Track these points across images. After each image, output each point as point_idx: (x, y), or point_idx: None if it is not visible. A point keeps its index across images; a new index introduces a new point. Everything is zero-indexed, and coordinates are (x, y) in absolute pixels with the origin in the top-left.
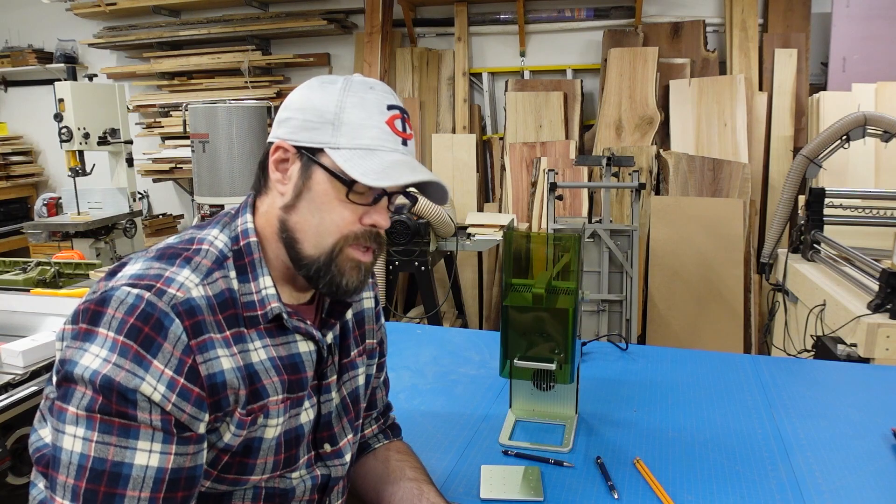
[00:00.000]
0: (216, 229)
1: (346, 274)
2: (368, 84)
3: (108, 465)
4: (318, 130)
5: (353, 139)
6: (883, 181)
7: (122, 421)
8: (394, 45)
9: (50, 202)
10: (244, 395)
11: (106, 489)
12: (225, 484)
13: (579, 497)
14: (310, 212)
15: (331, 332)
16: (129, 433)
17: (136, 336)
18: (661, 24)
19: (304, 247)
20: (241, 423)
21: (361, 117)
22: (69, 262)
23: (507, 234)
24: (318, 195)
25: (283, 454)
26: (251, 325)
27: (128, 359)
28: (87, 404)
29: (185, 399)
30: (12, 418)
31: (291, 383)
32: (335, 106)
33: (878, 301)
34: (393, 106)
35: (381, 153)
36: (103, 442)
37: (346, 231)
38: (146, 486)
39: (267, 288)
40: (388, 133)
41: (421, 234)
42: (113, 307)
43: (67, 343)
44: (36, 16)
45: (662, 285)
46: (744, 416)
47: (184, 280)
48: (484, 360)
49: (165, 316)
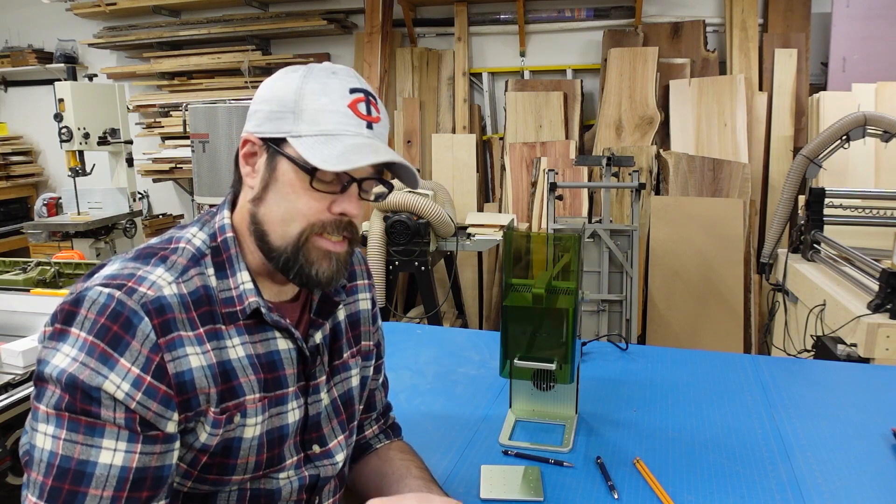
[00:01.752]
0: (195, 227)
1: (316, 263)
2: (331, 70)
3: (73, 464)
4: (281, 120)
5: (314, 125)
6: (883, 181)
7: (88, 419)
8: (394, 45)
9: (50, 202)
10: (216, 392)
11: (70, 487)
12: (207, 484)
13: (579, 497)
14: (276, 202)
15: (319, 332)
16: (94, 431)
17: (104, 335)
18: (661, 24)
19: (272, 238)
20: (216, 422)
21: (322, 103)
22: (69, 262)
23: (507, 234)
24: (283, 185)
25: (266, 454)
26: (230, 322)
27: (94, 357)
28: (55, 402)
29: (150, 397)
30: (12, 418)
31: (268, 382)
32: (296, 93)
33: (878, 301)
34: (357, 89)
35: (344, 138)
36: (70, 440)
37: (313, 220)
38: (109, 485)
39: (245, 283)
40: (351, 117)
41: (421, 234)
42: (85, 307)
43: (44, 343)
44: (36, 16)
45: (662, 285)
46: (744, 416)
47: (156, 279)
48: (484, 360)
49: (134, 314)
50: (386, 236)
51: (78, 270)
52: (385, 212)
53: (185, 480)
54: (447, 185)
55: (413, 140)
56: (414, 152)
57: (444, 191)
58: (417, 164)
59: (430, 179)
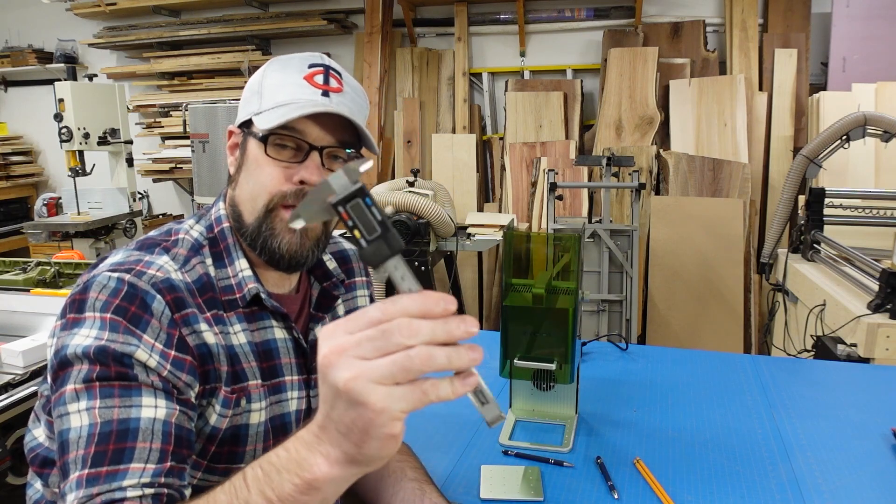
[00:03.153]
0: (192, 220)
1: (278, 235)
2: (296, 54)
3: (114, 425)
4: (249, 103)
5: (272, 100)
6: (883, 181)
7: (123, 383)
8: (394, 45)
9: (50, 202)
10: (227, 372)
11: (115, 446)
12: (216, 474)
13: (579, 497)
14: (245, 180)
15: (319, 325)
16: (131, 392)
17: (123, 314)
18: (661, 24)
19: (245, 216)
20: (227, 400)
21: (280, 79)
22: (69, 262)
23: (507, 234)
24: (251, 162)
25: (272, 442)
26: (230, 309)
27: (119, 332)
28: (84, 376)
29: (179, 368)
30: (12, 418)
31: (264, 370)
32: (260, 76)
33: (878, 301)
34: (317, 64)
35: (294, 105)
36: (106, 406)
37: (274, 190)
38: (156, 438)
39: (243, 270)
40: (305, 87)
41: (421, 234)
42: (96, 291)
43: (58, 335)
44: (36, 16)
45: (662, 285)
46: (744, 416)
47: (163, 264)
48: (484, 360)
49: (147, 294)
50: None
51: (78, 270)
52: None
53: (194, 472)
54: (447, 185)
55: (413, 140)
56: (414, 152)
57: (444, 191)
58: (417, 164)
59: (430, 179)
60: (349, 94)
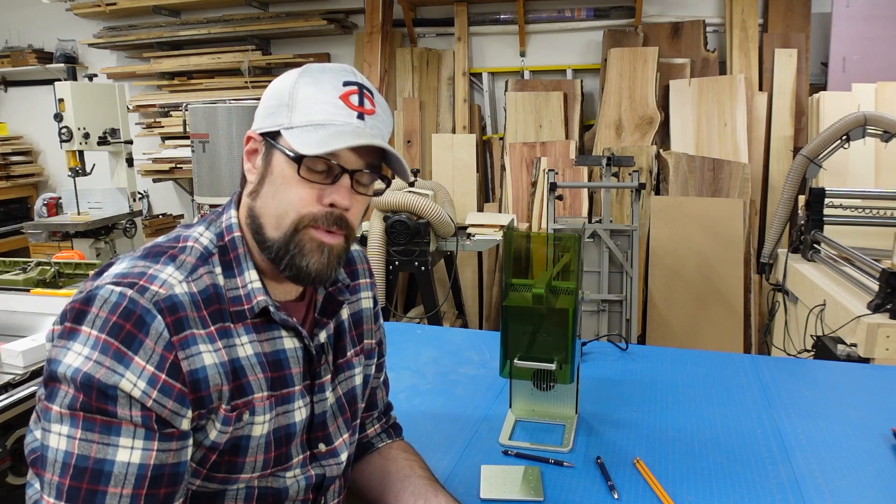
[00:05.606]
0: (202, 226)
1: (307, 255)
2: (328, 66)
3: (90, 462)
4: (276, 114)
5: (305, 116)
6: (883, 181)
7: (104, 418)
8: (394, 45)
9: (50, 202)
10: (228, 390)
11: (88, 486)
12: (216, 483)
13: (579, 497)
14: (270, 195)
15: (324, 331)
16: (110, 430)
17: (117, 333)
18: (661, 24)
19: (267, 230)
20: (227, 419)
21: (313, 94)
22: (69, 262)
23: (507, 234)
24: (277, 177)
25: (274, 452)
26: (238, 320)
27: (108, 356)
28: (69, 402)
29: (166, 395)
30: (12, 418)
31: (274, 381)
32: (291, 87)
33: (878, 301)
34: (350, 82)
35: (332, 127)
36: (86, 439)
37: (304, 211)
38: (128, 483)
39: (253, 282)
40: (341, 107)
41: (421, 234)
42: (97, 306)
43: (54, 342)
44: (36, 16)
45: (662, 285)
46: (744, 416)
47: (167, 277)
48: (484, 360)
49: (147, 313)
50: (386, 236)
51: (78, 270)
52: (385, 212)
53: (193, 479)
54: (447, 185)
55: (413, 140)
56: (414, 152)
57: (444, 191)
58: (417, 164)
59: (430, 179)
60: (380, 116)
